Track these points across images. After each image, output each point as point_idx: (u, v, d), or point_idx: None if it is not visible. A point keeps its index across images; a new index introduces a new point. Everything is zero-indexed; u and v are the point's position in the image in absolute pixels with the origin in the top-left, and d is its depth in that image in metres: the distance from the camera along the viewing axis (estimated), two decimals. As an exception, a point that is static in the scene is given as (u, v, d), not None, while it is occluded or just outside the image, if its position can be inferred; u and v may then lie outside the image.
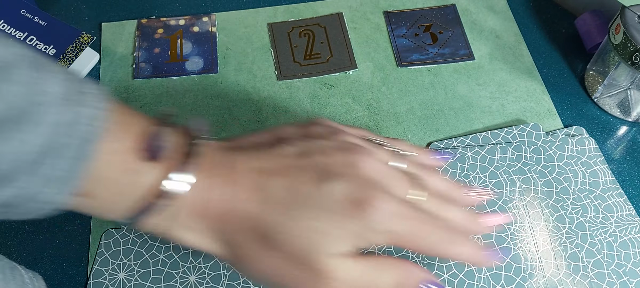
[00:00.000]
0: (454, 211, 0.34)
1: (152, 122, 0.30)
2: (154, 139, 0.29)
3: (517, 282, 0.40)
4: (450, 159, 0.40)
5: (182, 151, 0.30)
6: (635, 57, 0.45)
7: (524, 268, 0.40)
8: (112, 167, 0.28)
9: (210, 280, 0.41)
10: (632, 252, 0.41)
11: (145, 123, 0.30)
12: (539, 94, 0.51)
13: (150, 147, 0.29)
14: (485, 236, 0.42)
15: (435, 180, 0.35)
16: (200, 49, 0.54)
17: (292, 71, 0.52)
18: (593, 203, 0.43)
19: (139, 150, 0.29)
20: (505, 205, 0.43)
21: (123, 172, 0.29)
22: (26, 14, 0.52)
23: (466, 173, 0.45)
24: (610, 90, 0.50)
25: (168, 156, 0.30)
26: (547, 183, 0.44)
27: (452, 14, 0.57)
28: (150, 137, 0.29)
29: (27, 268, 0.41)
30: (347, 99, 0.51)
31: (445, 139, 0.48)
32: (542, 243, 0.42)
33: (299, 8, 0.57)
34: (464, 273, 0.40)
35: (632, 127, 0.49)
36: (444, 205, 0.34)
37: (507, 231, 0.42)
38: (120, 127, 0.29)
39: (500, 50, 0.54)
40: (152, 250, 0.42)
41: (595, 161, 0.46)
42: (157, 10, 0.57)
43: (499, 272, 0.40)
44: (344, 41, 0.54)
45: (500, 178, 0.44)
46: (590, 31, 0.53)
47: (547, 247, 0.42)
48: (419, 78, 0.52)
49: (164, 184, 0.29)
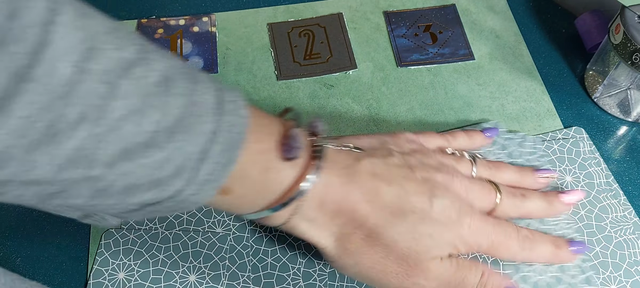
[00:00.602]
0: (532, 202, 0.40)
1: (287, 124, 0.33)
2: (292, 140, 0.32)
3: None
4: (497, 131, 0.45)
5: (311, 151, 0.34)
6: (635, 57, 0.45)
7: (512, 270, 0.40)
8: (254, 167, 0.31)
9: (210, 280, 0.41)
10: (627, 252, 0.41)
11: (281, 125, 0.33)
12: (539, 94, 0.51)
13: (289, 148, 0.32)
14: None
15: (507, 174, 0.42)
16: (200, 49, 0.54)
17: (292, 71, 0.52)
18: (587, 207, 0.43)
19: (278, 151, 0.32)
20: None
21: (264, 171, 0.32)
22: (26, 14, 0.52)
23: None
24: (610, 90, 0.50)
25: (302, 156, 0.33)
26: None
27: (452, 14, 0.57)
28: (289, 138, 0.32)
29: (27, 268, 0.41)
30: (347, 98, 0.51)
31: None
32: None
33: (299, 8, 0.57)
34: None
35: (632, 127, 0.49)
36: (522, 201, 0.40)
37: None
38: (260, 129, 0.32)
39: (500, 50, 0.54)
40: (152, 250, 0.42)
41: (590, 163, 0.45)
42: (157, 10, 0.57)
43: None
44: (344, 41, 0.54)
45: None
46: (590, 31, 0.53)
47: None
48: (418, 78, 0.52)
49: (302, 184, 0.33)
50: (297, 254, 0.42)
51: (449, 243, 0.36)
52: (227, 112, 0.29)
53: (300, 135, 0.33)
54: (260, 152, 0.31)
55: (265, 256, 0.42)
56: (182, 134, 0.27)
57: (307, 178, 0.33)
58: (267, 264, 0.41)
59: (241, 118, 0.30)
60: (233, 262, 0.41)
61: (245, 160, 0.30)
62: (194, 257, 0.41)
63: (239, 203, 0.33)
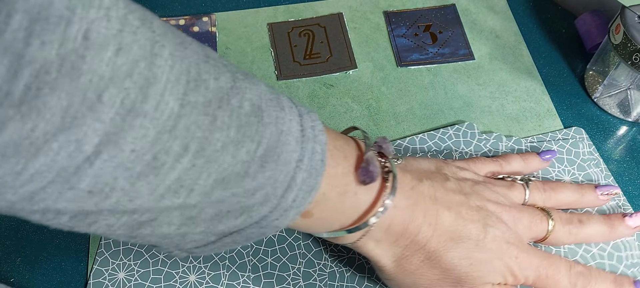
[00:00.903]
0: (590, 227, 0.40)
1: (360, 147, 0.34)
2: (369, 164, 0.32)
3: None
4: (555, 155, 0.45)
5: (383, 173, 0.34)
6: (635, 57, 0.45)
7: None
8: (333, 191, 0.31)
9: (210, 280, 0.41)
10: (624, 254, 0.41)
11: (356, 148, 0.34)
12: (539, 94, 0.51)
13: (366, 172, 0.32)
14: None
15: (565, 194, 0.41)
16: (200, 48, 0.54)
17: (292, 71, 0.52)
18: (585, 209, 0.43)
19: (356, 175, 0.32)
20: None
21: (342, 195, 0.32)
22: (26, 14, 0.51)
23: None
24: (610, 90, 0.50)
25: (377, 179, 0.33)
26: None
27: (452, 14, 0.57)
28: (366, 162, 0.32)
29: (27, 268, 0.41)
30: (347, 98, 0.51)
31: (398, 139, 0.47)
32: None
33: (298, 8, 0.57)
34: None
35: (632, 127, 0.49)
36: (578, 227, 0.40)
37: None
38: (337, 152, 0.32)
39: (500, 50, 0.54)
40: (152, 250, 0.42)
41: (589, 164, 0.45)
42: (157, 10, 0.57)
43: None
44: (344, 41, 0.54)
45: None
46: (590, 31, 0.53)
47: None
48: (418, 78, 0.52)
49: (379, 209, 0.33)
50: (297, 254, 0.42)
51: (499, 272, 0.36)
52: (309, 139, 0.29)
53: (374, 158, 0.33)
54: (339, 176, 0.32)
55: (265, 256, 0.42)
56: (272, 163, 0.28)
57: (385, 204, 0.33)
58: (267, 264, 0.41)
59: (321, 144, 0.30)
60: (233, 262, 0.41)
61: (325, 185, 0.31)
62: (193, 257, 0.41)
63: (316, 225, 0.33)
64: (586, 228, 0.40)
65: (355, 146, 0.34)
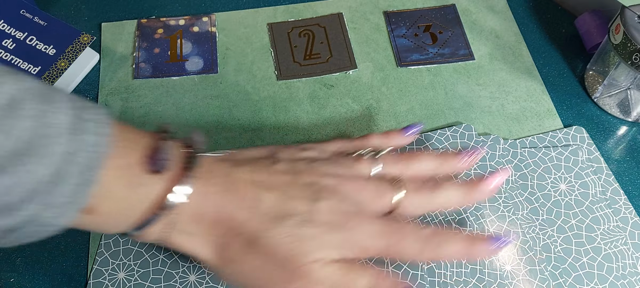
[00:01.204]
0: (444, 193, 0.37)
1: (154, 137, 0.32)
2: (158, 153, 0.31)
3: None
4: (419, 127, 0.42)
5: (183, 163, 0.33)
6: (635, 57, 0.45)
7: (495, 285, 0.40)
8: (118, 184, 0.30)
9: (210, 280, 0.41)
10: (616, 265, 0.41)
11: (148, 138, 0.32)
12: (539, 94, 0.51)
13: (154, 161, 0.31)
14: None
15: (423, 164, 0.39)
16: (200, 49, 0.54)
17: (292, 71, 0.52)
18: (578, 217, 0.43)
19: (143, 165, 0.31)
20: (494, 218, 0.43)
21: (128, 186, 0.31)
22: (26, 14, 0.52)
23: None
24: (610, 90, 0.50)
25: (170, 168, 0.32)
26: (532, 195, 0.44)
27: (452, 14, 0.57)
28: (154, 151, 0.31)
29: (27, 268, 0.41)
30: (347, 98, 0.51)
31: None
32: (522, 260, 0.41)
33: (298, 8, 0.57)
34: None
35: (632, 127, 0.49)
36: (430, 195, 0.37)
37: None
38: (124, 144, 0.31)
39: (500, 50, 0.54)
40: (152, 250, 0.42)
41: (588, 172, 0.45)
42: (157, 10, 0.57)
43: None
44: (344, 41, 0.54)
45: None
46: (590, 31, 0.53)
47: (523, 264, 0.41)
48: (418, 78, 0.52)
49: (169, 197, 0.31)
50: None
51: (334, 246, 0.34)
52: (85, 131, 0.28)
53: (168, 147, 0.32)
54: (123, 167, 0.30)
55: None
56: (31, 157, 0.26)
57: (175, 190, 0.31)
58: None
59: (101, 136, 0.29)
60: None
61: (108, 178, 0.29)
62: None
63: (106, 221, 0.31)
64: (439, 196, 0.37)
65: (151, 139, 0.32)
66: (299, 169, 0.36)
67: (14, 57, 0.49)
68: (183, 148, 0.34)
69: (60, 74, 0.49)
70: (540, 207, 0.43)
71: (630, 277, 0.40)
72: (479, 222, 0.42)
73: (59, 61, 0.50)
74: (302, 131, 0.48)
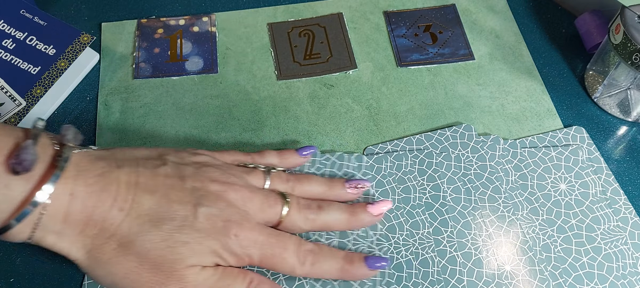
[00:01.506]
0: (330, 214, 0.39)
1: (19, 136, 0.31)
2: (23, 152, 0.30)
3: None
4: (314, 149, 0.44)
5: (53, 161, 0.32)
6: (635, 57, 0.45)
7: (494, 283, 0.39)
8: None
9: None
10: (616, 265, 0.40)
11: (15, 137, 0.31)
12: (539, 94, 0.51)
13: (19, 161, 0.30)
14: (443, 254, 0.42)
15: (312, 186, 0.40)
16: (200, 48, 0.54)
17: (292, 71, 0.52)
18: (578, 217, 0.43)
19: (7, 165, 0.30)
20: (494, 217, 0.43)
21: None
22: (26, 14, 0.52)
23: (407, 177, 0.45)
24: (610, 90, 0.50)
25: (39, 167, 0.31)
26: (532, 195, 0.44)
27: (452, 14, 0.57)
28: (19, 150, 0.30)
29: (27, 268, 0.41)
30: (347, 98, 0.51)
31: (381, 143, 0.47)
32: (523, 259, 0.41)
33: (298, 8, 0.57)
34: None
35: (632, 127, 0.49)
36: (316, 213, 0.38)
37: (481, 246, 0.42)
38: None
39: (500, 50, 0.54)
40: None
41: (588, 172, 0.45)
42: (157, 10, 0.57)
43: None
44: (344, 41, 0.54)
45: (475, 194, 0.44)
46: (590, 31, 0.53)
47: (523, 264, 0.41)
48: (418, 78, 0.52)
49: (37, 195, 0.31)
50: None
51: (212, 252, 0.34)
52: None
53: (33, 145, 0.31)
54: None
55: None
56: None
57: (43, 188, 0.31)
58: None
59: None
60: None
61: None
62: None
63: None
64: (325, 215, 0.39)
65: (17, 137, 0.32)
66: (185, 173, 0.36)
67: (14, 57, 0.49)
68: (58, 145, 0.33)
69: (60, 73, 0.49)
70: (540, 207, 0.43)
71: (630, 276, 0.40)
72: (478, 222, 0.42)
73: (59, 61, 0.50)
74: (302, 131, 0.48)
